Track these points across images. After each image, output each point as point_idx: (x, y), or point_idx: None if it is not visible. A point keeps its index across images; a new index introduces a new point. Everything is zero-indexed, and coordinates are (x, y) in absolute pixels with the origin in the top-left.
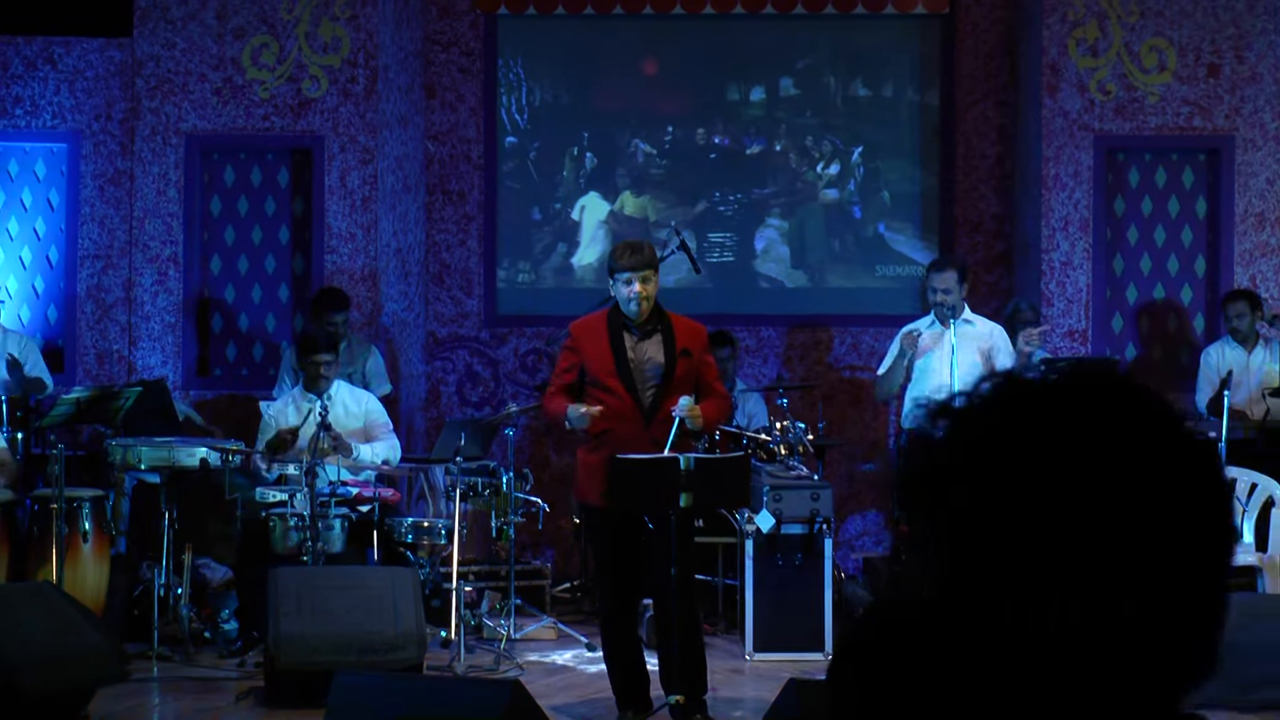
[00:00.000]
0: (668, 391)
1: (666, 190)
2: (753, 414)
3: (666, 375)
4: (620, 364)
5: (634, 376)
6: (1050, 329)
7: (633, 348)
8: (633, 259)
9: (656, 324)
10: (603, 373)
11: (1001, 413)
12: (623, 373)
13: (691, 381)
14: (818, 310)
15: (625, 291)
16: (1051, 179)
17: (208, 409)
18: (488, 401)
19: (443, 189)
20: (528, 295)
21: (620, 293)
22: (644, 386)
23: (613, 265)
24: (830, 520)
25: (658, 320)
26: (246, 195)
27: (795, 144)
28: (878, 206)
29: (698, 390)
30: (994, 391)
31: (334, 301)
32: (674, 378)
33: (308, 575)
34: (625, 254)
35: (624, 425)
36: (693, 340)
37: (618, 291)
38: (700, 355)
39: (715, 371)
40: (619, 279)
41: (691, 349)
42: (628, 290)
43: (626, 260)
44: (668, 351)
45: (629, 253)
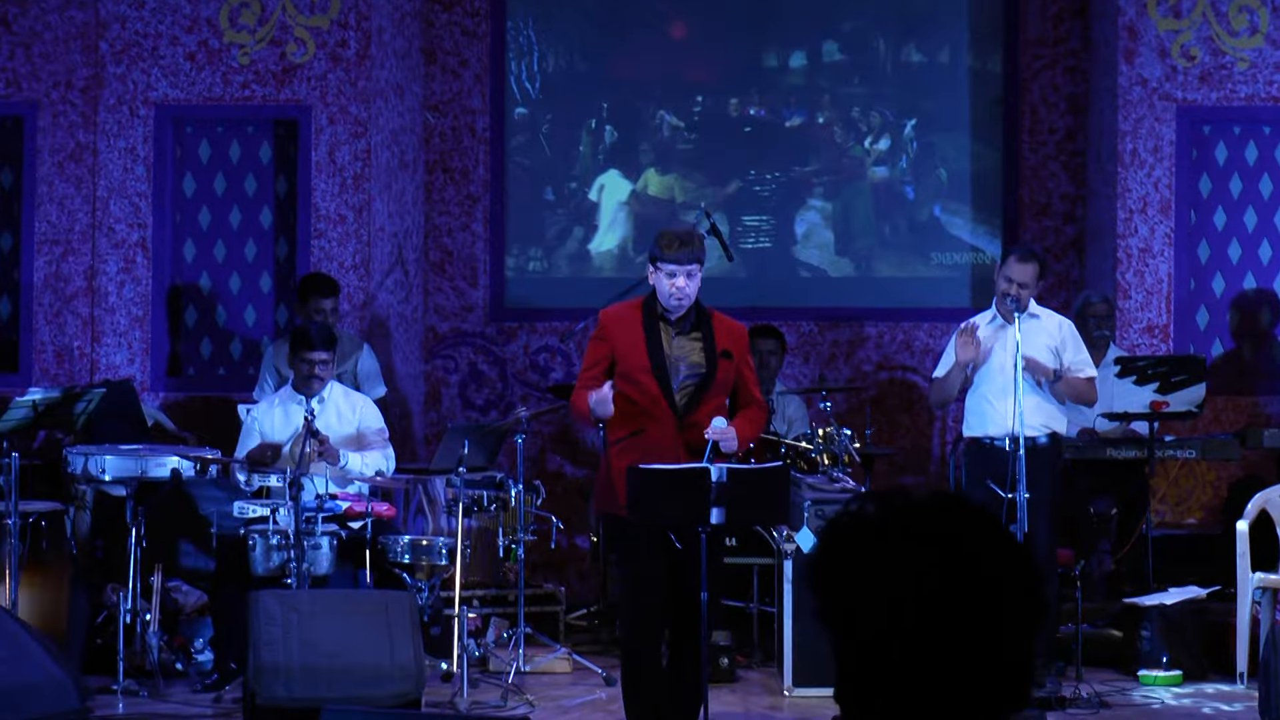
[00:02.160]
0: (706, 396)
1: (695, 168)
2: (792, 419)
3: (707, 378)
4: (655, 358)
5: (669, 373)
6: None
7: (669, 343)
8: (682, 251)
9: (696, 320)
10: (636, 367)
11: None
12: (657, 368)
13: (730, 386)
14: (865, 303)
15: (668, 286)
16: (1128, 155)
17: (180, 413)
18: (494, 405)
19: (444, 166)
20: (539, 286)
21: (662, 286)
22: (680, 385)
23: (657, 254)
24: None
25: (697, 316)
26: (224, 173)
27: (840, 116)
28: (933, 186)
29: (734, 397)
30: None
31: (320, 286)
32: (715, 381)
33: (292, 600)
34: (674, 244)
35: (655, 426)
36: (735, 341)
37: (659, 283)
38: (741, 358)
39: (755, 377)
40: (662, 270)
41: (733, 351)
42: (670, 284)
43: (675, 251)
44: (708, 352)
45: (678, 244)
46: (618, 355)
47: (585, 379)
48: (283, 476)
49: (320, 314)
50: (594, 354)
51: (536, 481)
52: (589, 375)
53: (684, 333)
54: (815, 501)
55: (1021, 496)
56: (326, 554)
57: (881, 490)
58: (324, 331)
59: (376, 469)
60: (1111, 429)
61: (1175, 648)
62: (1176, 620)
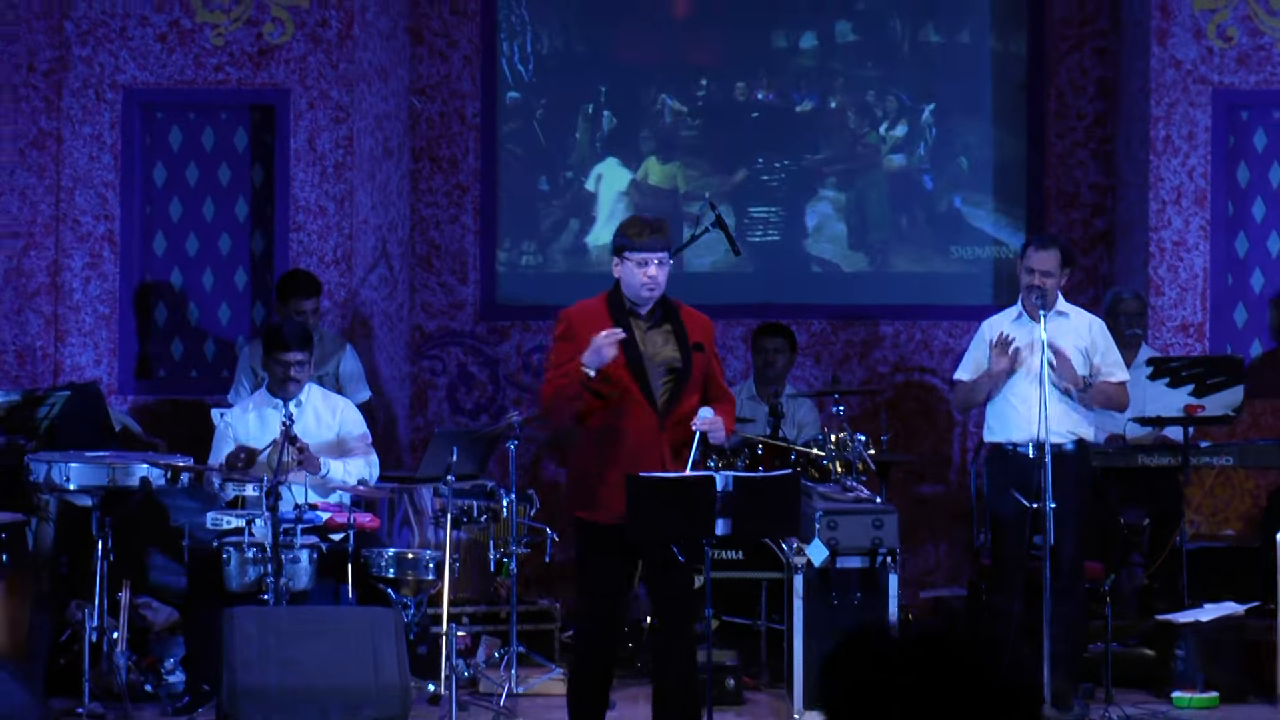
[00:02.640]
0: (684, 392)
1: (699, 156)
2: (803, 424)
3: (684, 373)
4: (632, 356)
5: (647, 371)
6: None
7: (642, 339)
8: (653, 238)
9: (664, 313)
10: (611, 366)
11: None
12: (634, 365)
13: (703, 381)
14: (880, 300)
15: (638, 275)
16: (1161, 142)
17: (149, 417)
18: (485, 409)
19: (431, 154)
20: (533, 281)
21: (631, 277)
22: (657, 382)
23: (624, 243)
24: (895, 552)
25: (664, 308)
26: (196, 161)
27: (854, 101)
28: (953, 175)
29: (706, 391)
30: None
31: (301, 286)
32: (692, 377)
33: (269, 617)
34: (644, 231)
35: (635, 427)
36: (704, 333)
37: (627, 274)
38: (710, 350)
39: (721, 369)
40: (630, 259)
41: (704, 343)
42: (641, 274)
43: (646, 239)
44: (681, 346)
45: (648, 230)
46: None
47: (548, 377)
48: (259, 486)
49: (300, 315)
50: (563, 354)
51: (530, 491)
52: (553, 369)
53: (654, 326)
54: (827, 512)
55: (1048, 506)
56: (306, 568)
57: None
58: (299, 330)
59: (359, 477)
60: (1143, 434)
61: (1211, 668)
62: (1213, 639)
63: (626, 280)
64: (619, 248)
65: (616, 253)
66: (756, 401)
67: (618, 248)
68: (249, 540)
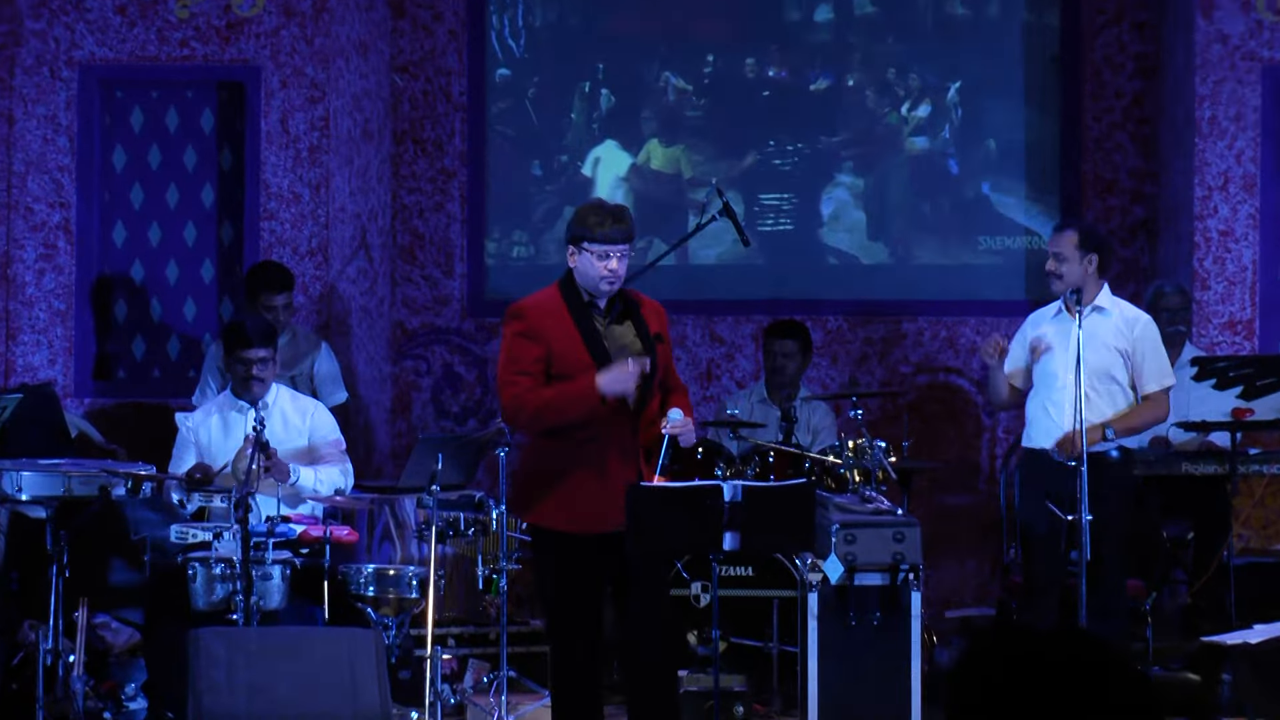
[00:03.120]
0: (651, 391)
1: (705, 138)
2: (818, 429)
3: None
4: (598, 354)
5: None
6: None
7: (605, 332)
8: (615, 229)
9: (624, 306)
10: (578, 365)
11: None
12: (602, 362)
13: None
14: (902, 294)
15: (599, 269)
16: (1207, 123)
17: (108, 422)
18: (472, 413)
19: (414, 137)
20: (525, 274)
21: (590, 269)
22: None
23: (583, 233)
24: (919, 568)
25: (623, 301)
26: (159, 144)
27: (873, 78)
28: (980, 159)
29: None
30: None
31: (272, 279)
32: (657, 374)
33: (238, 639)
34: (605, 221)
35: (608, 430)
36: (661, 323)
37: (585, 266)
38: (667, 338)
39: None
40: (590, 250)
41: (662, 333)
42: (602, 267)
43: (609, 229)
44: (643, 337)
45: (609, 220)
46: (553, 354)
47: (515, 379)
48: (227, 497)
49: (272, 311)
50: (523, 352)
51: None
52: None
53: (615, 322)
54: (844, 524)
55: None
56: (278, 585)
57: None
58: (262, 325)
59: (334, 486)
60: (1187, 440)
61: (1261, 694)
62: (1263, 662)
63: (584, 272)
64: (577, 237)
65: (573, 242)
66: (767, 405)
67: (575, 237)
68: (216, 555)
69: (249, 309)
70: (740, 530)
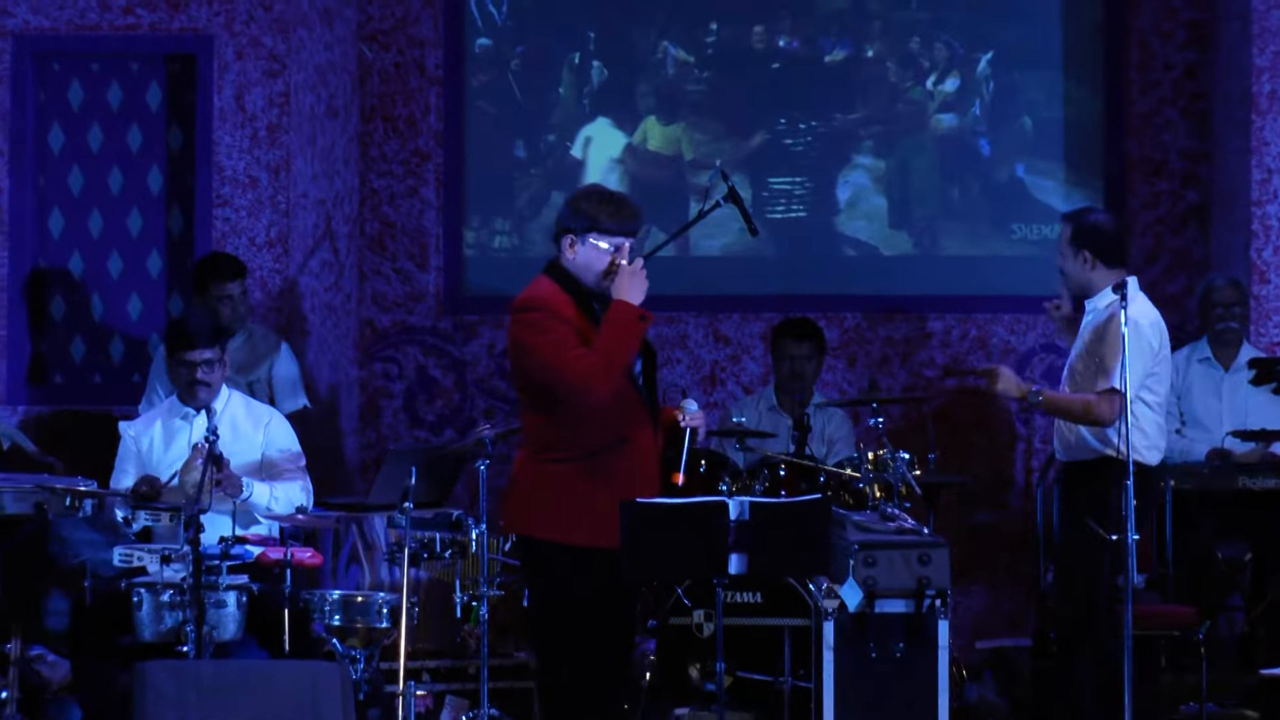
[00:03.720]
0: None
1: (709, 115)
2: (834, 439)
3: (648, 365)
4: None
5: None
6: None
7: None
8: (630, 219)
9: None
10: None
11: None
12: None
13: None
14: (927, 289)
15: (593, 260)
16: (1265, 99)
17: (44, 431)
18: (450, 421)
19: (385, 114)
20: (508, 267)
21: (595, 262)
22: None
23: (589, 222)
24: (946, 593)
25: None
26: (101, 123)
27: (895, 48)
28: (1015, 138)
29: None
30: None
31: (222, 265)
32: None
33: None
34: (625, 210)
35: (634, 435)
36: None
37: (590, 258)
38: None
39: None
40: (595, 240)
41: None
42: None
43: (624, 219)
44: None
45: (623, 208)
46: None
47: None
48: (176, 516)
49: (226, 302)
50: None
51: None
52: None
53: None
54: (863, 545)
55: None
56: (233, 614)
57: None
58: (205, 323)
59: (293, 504)
60: (1246, 451)
61: None
62: None
63: (585, 265)
64: (580, 227)
65: (573, 232)
66: (778, 413)
67: (577, 227)
68: (164, 581)
69: (199, 304)
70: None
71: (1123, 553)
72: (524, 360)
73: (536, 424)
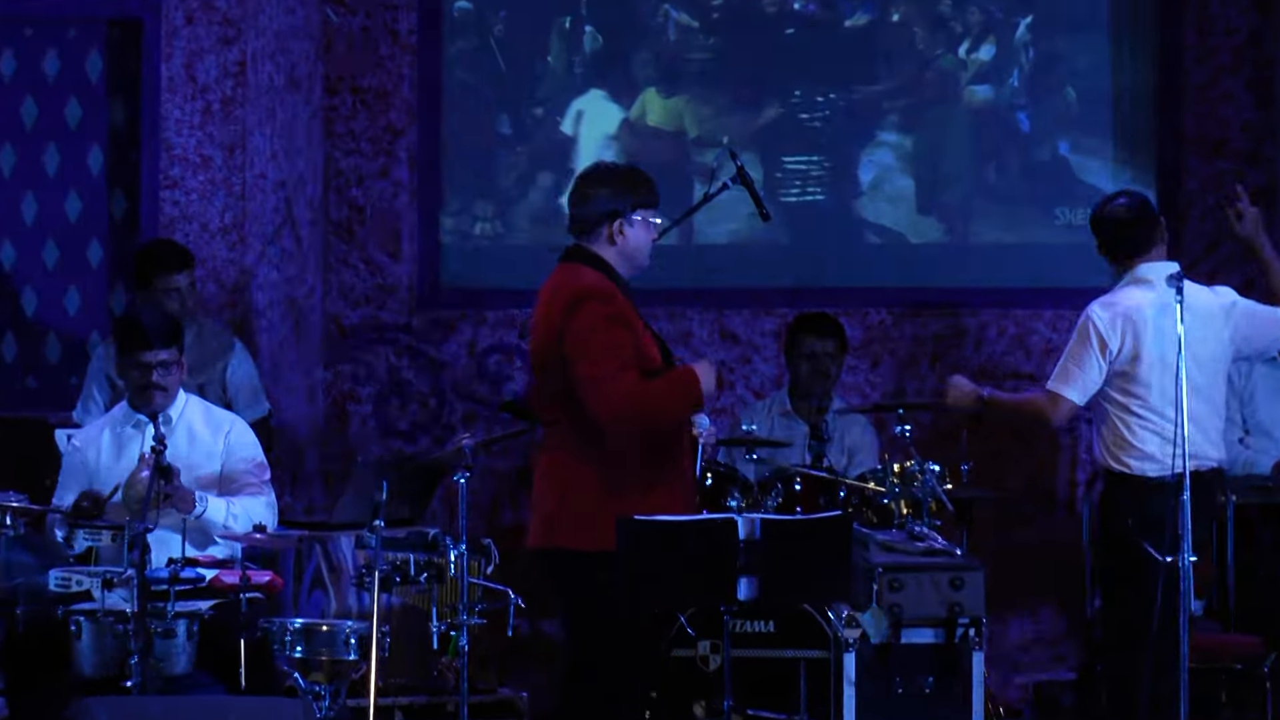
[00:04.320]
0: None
1: (715, 87)
2: (855, 449)
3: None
4: (664, 350)
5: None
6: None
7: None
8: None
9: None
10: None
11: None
12: (669, 362)
13: None
14: (960, 280)
15: (645, 239)
16: None
17: None
18: (425, 430)
19: (353, 86)
20: (490, 257)
21: (640, 240)
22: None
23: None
24: (981, 622)
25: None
26: (34, 95)
27: (923, 12)
28: (1057, 112)
29: None
30: None
31: (167, 254)
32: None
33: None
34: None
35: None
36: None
37: (640, 240)
38: None
39: None
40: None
41: None
42: (647, 237)
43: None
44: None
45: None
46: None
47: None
48: (120, 535)
49: (173, 295)
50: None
51: (486, 541)
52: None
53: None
54: (889, 568)
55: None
56: (183, 645)
57: None
58: (163, 320)
59: (253, 521)
60: None
61: None
62: None
63: (635, 249)
64: (632, 204)
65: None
66: (793, 419)
67: (630, 205)
68: (105, 608)
69: (141, 298)
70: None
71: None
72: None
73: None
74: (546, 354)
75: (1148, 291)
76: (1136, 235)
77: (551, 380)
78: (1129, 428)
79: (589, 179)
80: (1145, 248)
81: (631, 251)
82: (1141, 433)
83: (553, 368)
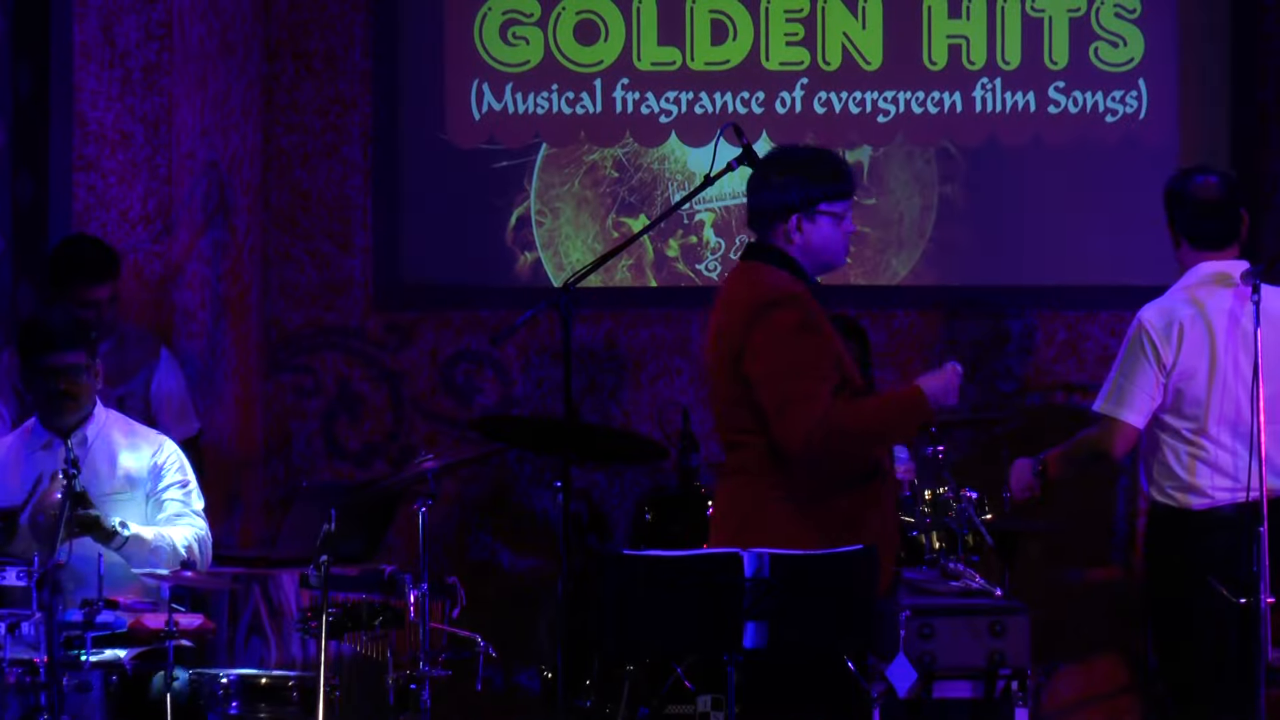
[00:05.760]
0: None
1: None
2: None
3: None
4: (864, 365)
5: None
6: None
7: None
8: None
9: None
10: (853, 378)
11: None
12: (867, 377)
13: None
14: (999, 278)
15: (833, 235)
16: None
17: None
18: (380, 451)
19: (295, 50)
20: (455, 249)
21: (831, 239)
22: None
23: (823, 191)
24: (1026, 674)
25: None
26: None
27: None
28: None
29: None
30: None
31: (89, 263)
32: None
33: None
34: (841, 171)
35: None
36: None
37: (828, 236)
38: None
39: None
40: (825, 211)
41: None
42: (836, 233)
43: (842, 174)
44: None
45: (844, 170)
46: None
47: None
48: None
49: (91, 309)
50: (819, 352)
51: (451, 580)
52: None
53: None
54: (919, 611)
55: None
56: (100, 700)
57: None
58: (71, 320)
59: (181, 556)
60: None
61: None
62: None
63: (823, 246)
64: (816, 196)
65: (799, 208)
66: None
67: (813, 197)
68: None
69: (54, 301)
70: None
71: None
72: (757, 367)
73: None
74: (725, 372)
75: (1213, 293)
76: (1218, 225)
77: (733, 403)
78: (1176, 455)
79: (765, 164)
80: (1224, 242)
81: (818, 249)
82: (1189, 460)
83: (732, 387)
